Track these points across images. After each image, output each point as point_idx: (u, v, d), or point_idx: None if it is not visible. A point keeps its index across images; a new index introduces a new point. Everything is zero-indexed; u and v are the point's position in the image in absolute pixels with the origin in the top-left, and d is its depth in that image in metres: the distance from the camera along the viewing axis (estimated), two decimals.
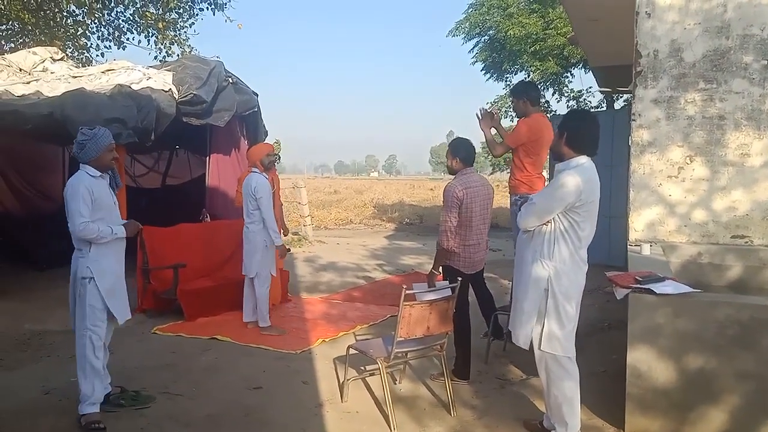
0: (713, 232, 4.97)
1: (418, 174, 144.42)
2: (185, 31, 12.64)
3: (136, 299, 5.77)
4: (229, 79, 7.18)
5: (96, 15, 11.66)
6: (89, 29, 11.98)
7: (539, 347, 3.08)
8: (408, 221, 18.01)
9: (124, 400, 3.81)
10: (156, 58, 12.29)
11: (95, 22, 11.98)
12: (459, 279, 3.80)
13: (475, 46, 16.17)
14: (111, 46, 12.45)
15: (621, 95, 13.63)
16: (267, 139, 8.02)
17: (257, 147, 5.72)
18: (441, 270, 4.24)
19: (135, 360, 4.68)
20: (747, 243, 4.89)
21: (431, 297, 3.66)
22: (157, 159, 10.36)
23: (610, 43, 7.41)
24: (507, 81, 16.34)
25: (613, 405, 3.55)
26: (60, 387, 4.08)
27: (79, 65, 9.44)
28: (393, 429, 3.48)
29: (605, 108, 14.12)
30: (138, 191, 9.41)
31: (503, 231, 12.20)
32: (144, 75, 6.56)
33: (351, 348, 3.89)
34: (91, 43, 12.29)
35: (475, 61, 16.16)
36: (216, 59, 7.59)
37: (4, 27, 11.18)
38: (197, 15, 12.67)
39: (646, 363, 3.20)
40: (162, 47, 12.23)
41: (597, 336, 5.19)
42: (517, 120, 5.35)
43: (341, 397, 3.95)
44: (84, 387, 3.52)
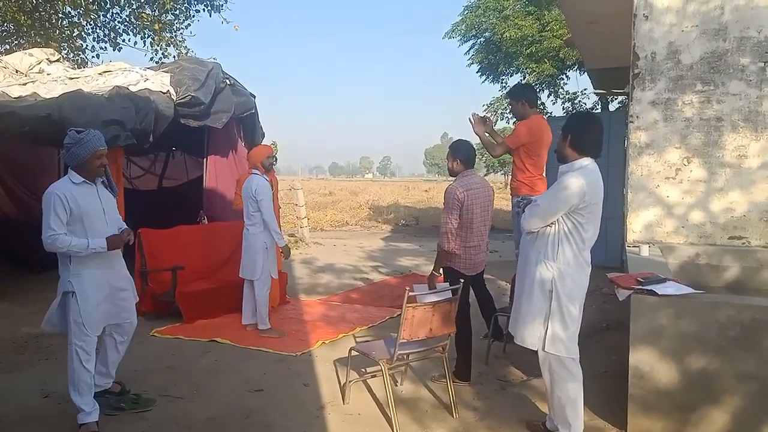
0: (711, 233, 5.00)
1: (412, 176, 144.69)
2: (181, 33, 12.61)
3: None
4: (227, 81, 7.17)
5: (92, 16, 11.61)
6: (85, 30, 11.92)
7: (543, 348, 3.08)
8: (404, 223, 18.02)
9: (124, 403, 3.79)
10: (152, 59, 12.25)
11: (91, 23, 11.93)
12: (461, 281, 3.80)
13: (471, 48, 16.22)
14: (106, 47, 12.40)
15: (616, 97, 13.71)
16: (263, 141, 8.01)
17: (258, 149, 5.71)
18: (442, 272, 4.25)
19: (134, 362, 4.65)
20: (744, 244, 4.92)
21: (434, 299, 3.66)
22: (154, 161, 10.32)
23: (606, 46, 7.45)
24: (503, 83, 16.41)
25: (615, 406, 3.56)
26: (59, 391, 4.04)
27: (75, 67, 9.39)
28: (396, 431, 3.48)
29: (600, 110, 14.20)
30: (134, 193, 9.37)
31: (500, 233, 12.23)
32: (141, 76, 6.54)
33: (353, 350, 3.88)
34: (87, 45, 12.23)
35: (471, 63, 16.20)
36: (213, 61, 7.58)
37: None
38: (193, 17, 12.64)
39: (648, 364, 3.21)
40: (158, 49, 12.18)
41: (596, 337, 5.21)
42: (516, 122, 5.37)
43: (343, 400, 3.95)
44: (76, 400, 3.44)
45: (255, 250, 5.38)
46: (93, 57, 12.33)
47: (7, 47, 10.88)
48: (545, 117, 14.26)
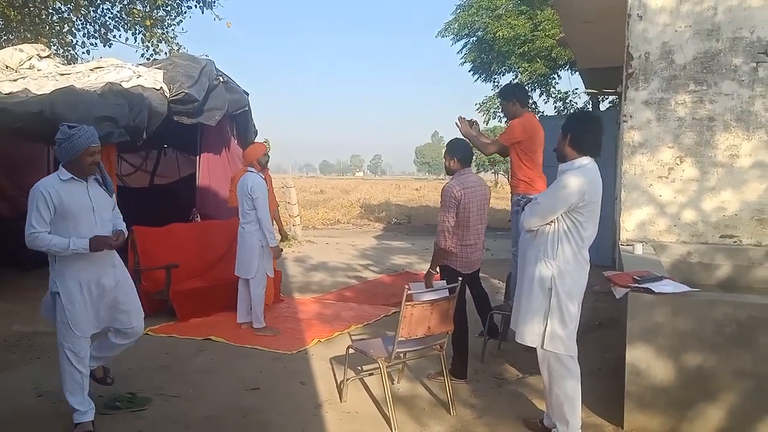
0: (703, 231, 5.05)
1: (403, 174, 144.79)
2: (173, 29, 12.53)
3: None
4: (220, 78, 7.14)
5: (82, 12, 11.50)
6: (75, 26, 11.81)
7: (542, 346, 3.10)
8: (396, 221, 18.02)
9: (120, 402, 3.76)
10: (143, 56, 12.17)
11: (81, 18, 11.81)
12: (459, 279, 3.81)
13: (464, 47, 16.25)
14: (97, 43, 12.31)
15: (606, 97, 13.80)
16: (256, 139, 7.98)
17: (254, 147, 5.68)
18: (438, 270, 4.26)
19: (128, 361, 4.60)
20: (736, 242, 4.98)
21: (433, 297, 3.67)
22: (145, 158, 10.24)
23: (599, 46, 7.50)
24: (495, 82, 16.46)
25: (611, 403, 3.60)
26: (53, 390, 4.00)
27: (65, 63, 9.30)
28: (394, 429, 3.48)
29: (591, 109, 14.28)
30: (125, 191, 9.28)
31: (491, 231, 12.26)
32: (134, 73, 6.49)
33: (351, 348, 3.88)
34: (77, 41, 12.13)
35: (464, 62, 16.24)
36: (206, 57, 7.54)
37: None
38: (185, 13, 12.56)
39: (645, 361, 3.24)
40: (149, 45, 12.09)
41: (589, 335, 5.24)
42: (508, 122, 5.40)
43: (340, 398, 3.94)
44: (70, 400, 3.38)
45: (250, 248, 5.35)
46: (83, 53, 12.26)
47: None
48: (537, 116, 14.34)
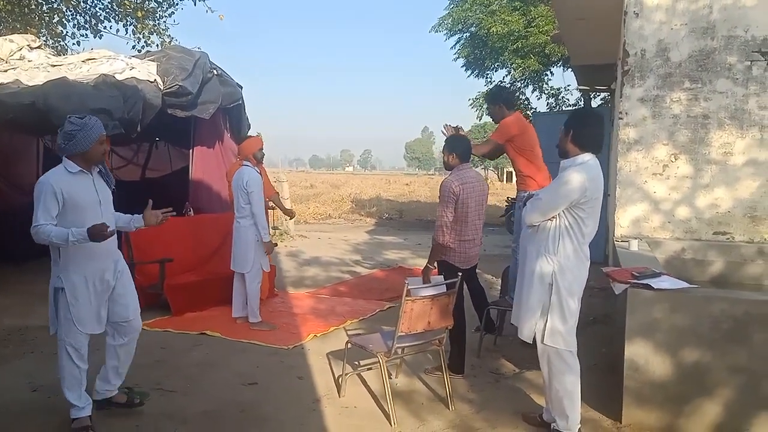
0: (696, 228, 5.10)
1: (393, 169, 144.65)
2: (165, 21, 12.39)
3: None
4: (214, 71, 7.09)
5: (72, 2, 11.33)
6: (65, 17, 11.64)
7: (542, 341, 3.12)
8: (388, 216, 18.03)
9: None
10: (134, 47, 12.03)
11: (71, 9, 11.64)
12: (459, 274, 3.82)
13: (457, 42, 16.24)
14: (87, 34, 12.14)
15: (598, 94, 13.86)
16: (249, 132, 7.93)
17: (249, 141, 5.62)
18: (436, 265, 4.27)
19: None
20: (729, 239, 5.03)
21: (432, 292, 3.67)
22: (137, 151, 10.16)
23: (594, 43, 7.52)
24: (488, 78, 16.48)
25: (607, 398, 3.63)
26: (47, 384, 3.97)
27: (56, 54, 9.17)
28: (393, 424, 3.49)
29: (582, 106, 14.34)
30: (117, 184, 9.17)
31: (484, 227, 12.30)
32: (127, 65, 6.42)
33: (349, 343, 3.88)
34: (67, 31, 11.97)
35: (457, 57, 16.23)
36: (199, 50, 7.47)
37: None
38: (177, 4, 12.42)
39: (643, 357, 3.27)
40: (141, 37, 11.96)
41: (584, 330, 5.27)
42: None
43: (338, 392, 3.94)
44: (67, 395, 3.35)
45: (246, 242, 5.32)
46: (73, 44, 12.10)
47: None
48: (530, 112, 14.41)
